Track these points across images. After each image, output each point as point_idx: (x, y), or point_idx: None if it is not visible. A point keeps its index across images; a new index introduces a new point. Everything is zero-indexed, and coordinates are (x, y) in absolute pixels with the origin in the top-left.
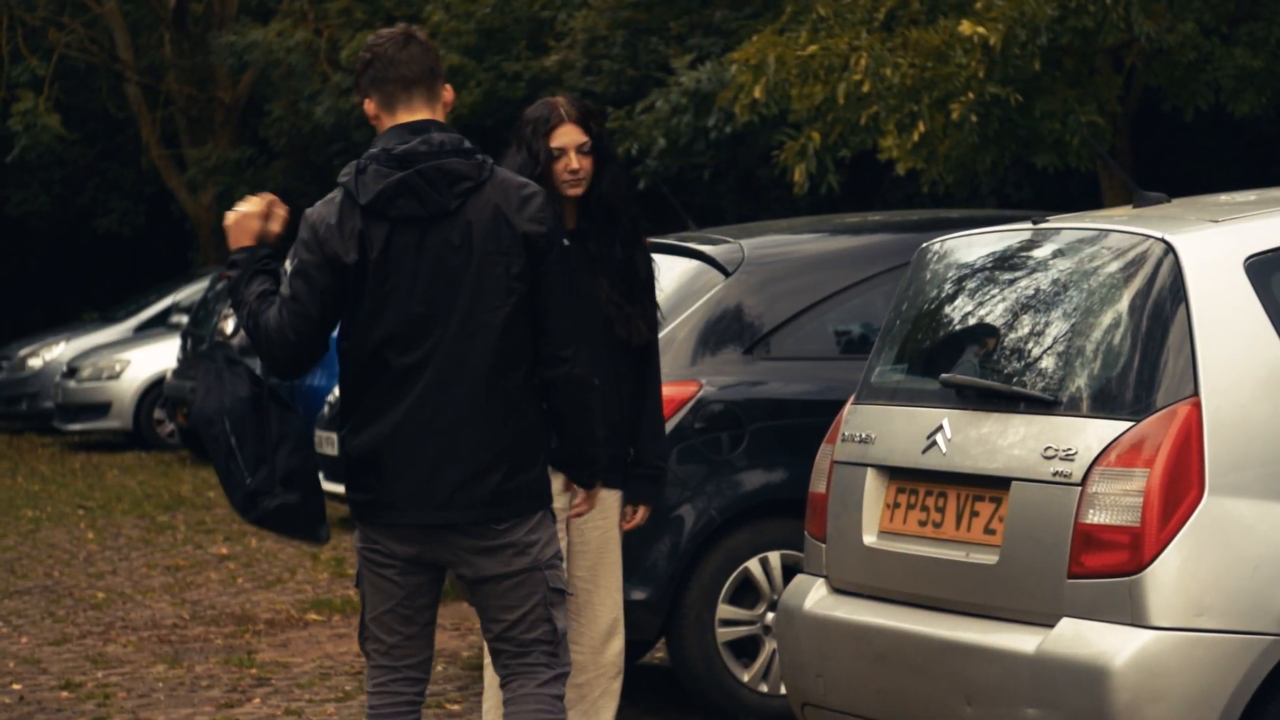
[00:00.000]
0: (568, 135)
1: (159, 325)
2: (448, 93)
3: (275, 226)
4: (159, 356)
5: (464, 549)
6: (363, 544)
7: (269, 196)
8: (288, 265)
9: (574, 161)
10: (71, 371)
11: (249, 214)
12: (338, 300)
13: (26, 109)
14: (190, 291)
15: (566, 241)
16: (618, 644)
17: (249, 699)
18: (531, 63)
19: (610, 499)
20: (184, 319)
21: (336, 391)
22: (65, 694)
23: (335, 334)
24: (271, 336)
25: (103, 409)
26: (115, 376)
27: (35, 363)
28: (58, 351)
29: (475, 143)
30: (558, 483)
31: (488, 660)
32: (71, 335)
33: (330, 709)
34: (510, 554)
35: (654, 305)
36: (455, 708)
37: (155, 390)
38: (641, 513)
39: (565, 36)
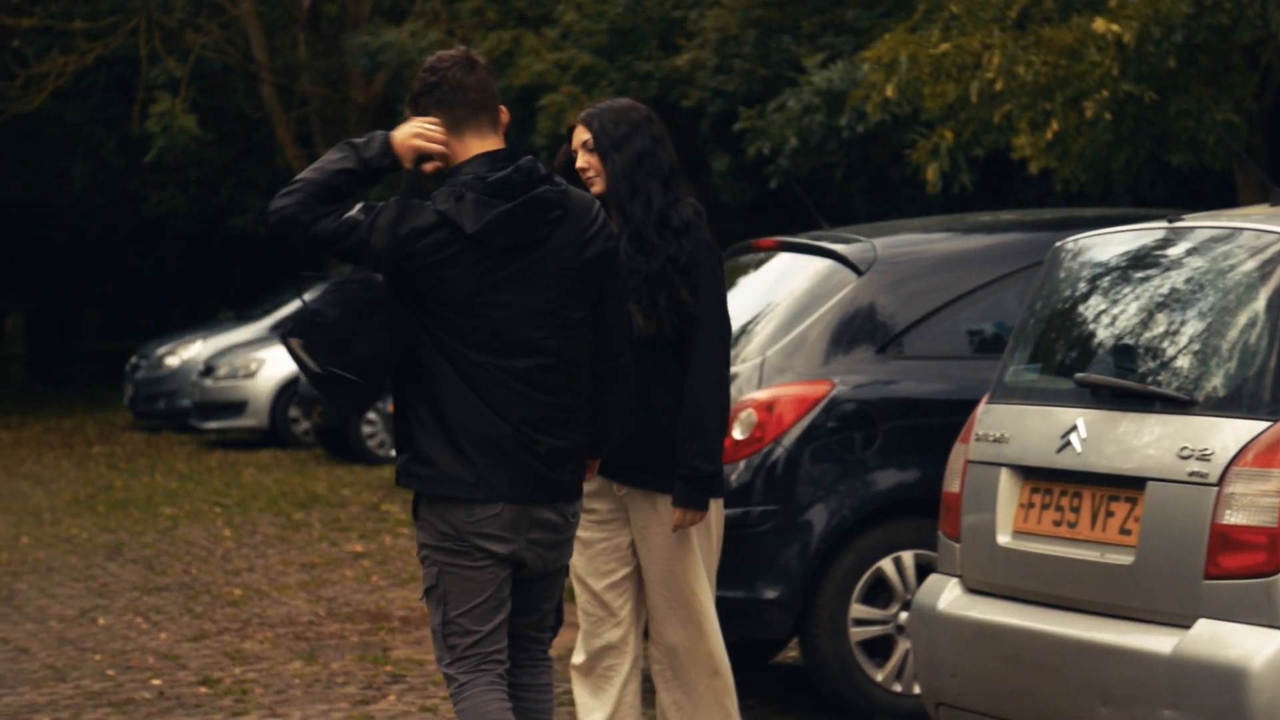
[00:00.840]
0: (579, 135)
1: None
2: (504, 114)
3: (428, 167)
4: None
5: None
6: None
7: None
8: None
9: (581, 159)
10: (208, 370)
11: (425, 139)
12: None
13: (164, 110)
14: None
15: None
16: (710, 644)
17: (384, 695)
18: (663, 62)
19: (667, 504)
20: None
21: None
22: (203, 689)
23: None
24: (297, 223)
25: (239, 407)
26: (251, 375)
27: (173, 362)
28: (194, 350)
29: None
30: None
31: (576, 664)
32: (208, 334)
33: None
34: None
35: (680, 299)
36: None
37: (291, 389)
38: (678, 515)
39: (696, 36)
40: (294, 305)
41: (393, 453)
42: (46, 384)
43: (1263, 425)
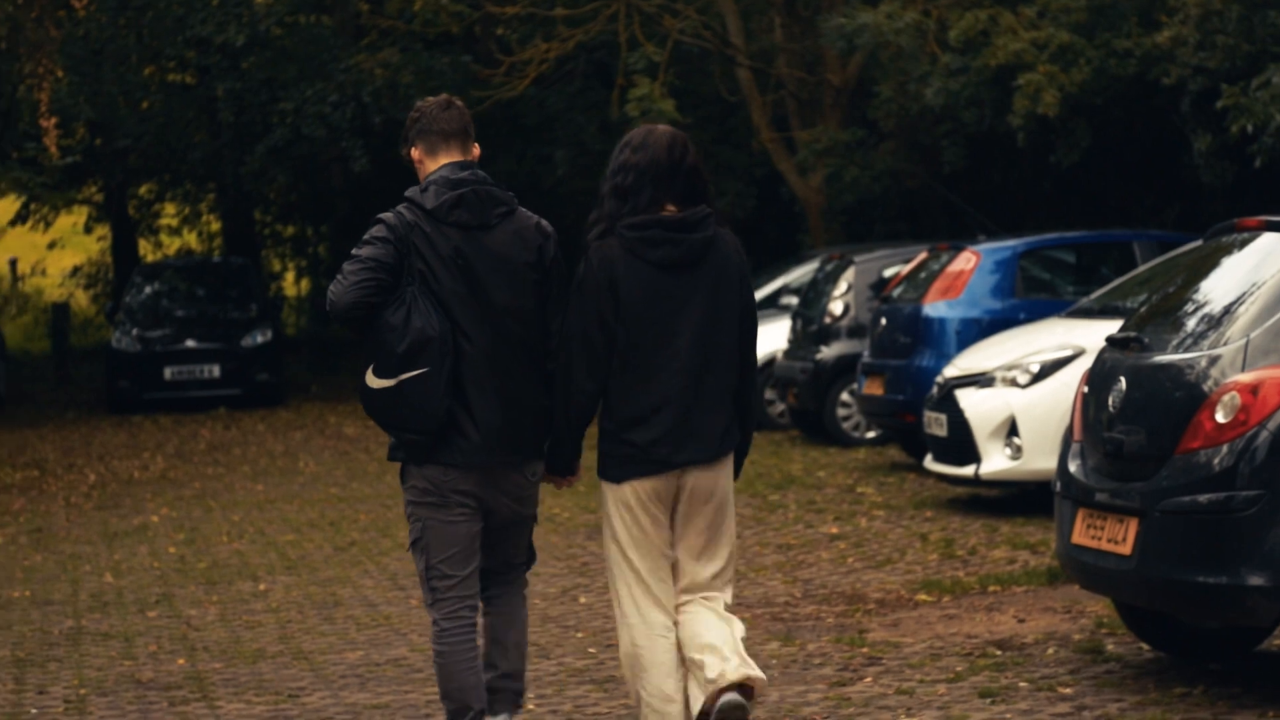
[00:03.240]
0: None
1: (769, 306)
2: (475, 149)
3: None
4: (769, 338)
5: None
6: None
7: None
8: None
9: None
10: None
11: None
12: (392, 270)
13: (643, 95)
14: (800, 273)
15: None
16: (731, 572)
17: (860, 678)
18: (1143, 39)
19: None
20: (793, 300)
21: (946, 372)
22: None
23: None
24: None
25: None
26: None
27: None
28: None
29: (1089, 124)
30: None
31: (638, 626)
32: None
33: (942, 689)
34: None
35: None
36: (1067, 690)
37: (766, 371)
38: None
39: (1178, 11)
40: (767, 290)
41: (869, 434)
42: None
43: None
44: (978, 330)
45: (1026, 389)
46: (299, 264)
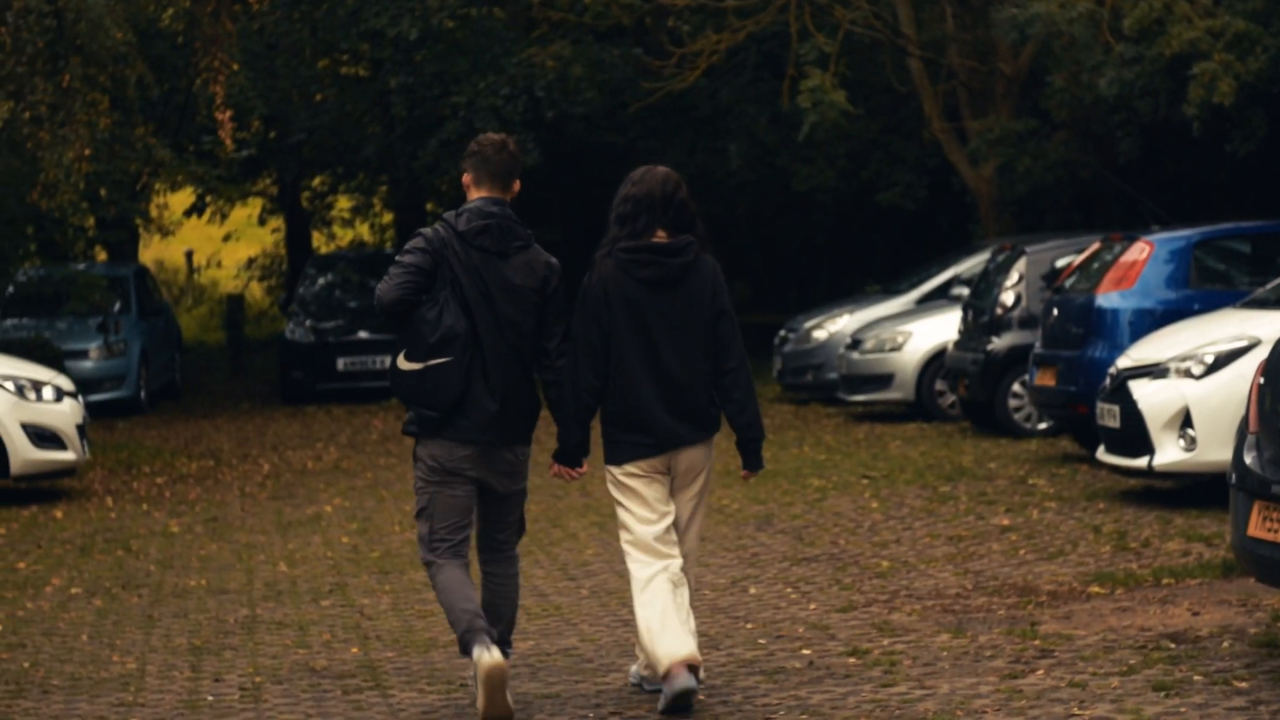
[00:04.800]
0: None
1: (940, 297)
2: (516, 186)
3: None
4: (941, 329)
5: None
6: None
7: None
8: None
9: None
10: (855, 343)
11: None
12: (428, 275)
13: (814, 85)
14: (971, 264)
15: None
16: (694, 543)
17: (1032, 670)
18: None
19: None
20: (964, 291)
21: (1120, 363)
22: (852, 660)
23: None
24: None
25: (885, 380)
26: (898, 348)
27: (820, 335)
28: (842, 324)
29: (1265, 112)
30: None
31: (644, 575)
32: (855, 307)
33: (1115, 683)
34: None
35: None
36: (1242, 684)
37: (937, 362)
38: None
39: None
40: (938, 281)
41: (1041, 426)
42: None
43: None
44: (1151, 321)
45: (1201, 380)
46: None
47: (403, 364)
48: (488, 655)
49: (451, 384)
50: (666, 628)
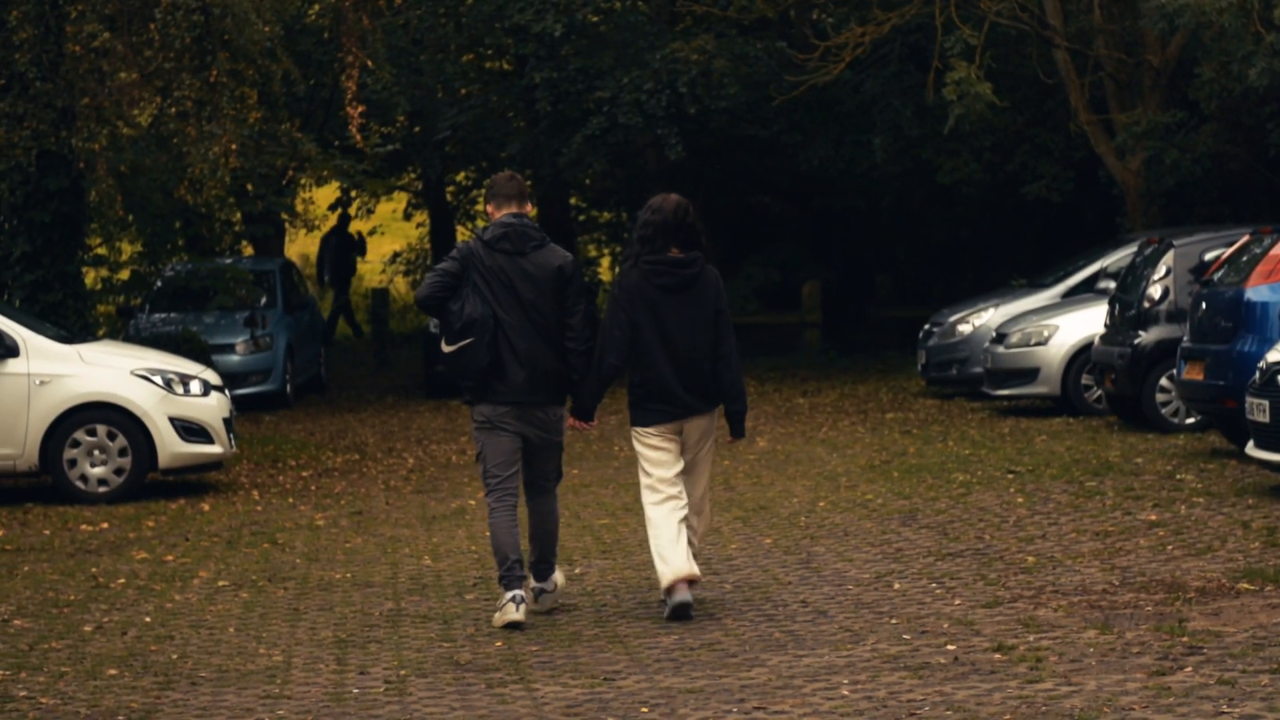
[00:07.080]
0: None
1: (1086, 291)
2: (530, 209)
3: None
4: (1087, 322)
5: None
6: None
7: None
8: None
9: None
10: (1000, 337)
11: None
12: (456, 277)
13: (960, 78)
14: (1118, 257)
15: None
16: (700, 493)
17: (1180, 667)
18: None
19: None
20: (1111, 285)
21: (1269, 357)
22: (998, 656)
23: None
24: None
25: (1031, 374)
26: (1043, 342)
27: (965, 329)
28: (987, 317)
29: None
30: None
31: (654, 502)
32: (1000, 301)
33: (1265, 680)
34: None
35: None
36: None
37: (1083, 356)
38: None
39: None
40: (1085, 274)
41: (1189, 420)
42: (842, 351)
43: None
44: None
45: None
46: (614, 250)
47: (444, 347)
48: (512, 610)
49: (478, 358)
50: (673, 551)
